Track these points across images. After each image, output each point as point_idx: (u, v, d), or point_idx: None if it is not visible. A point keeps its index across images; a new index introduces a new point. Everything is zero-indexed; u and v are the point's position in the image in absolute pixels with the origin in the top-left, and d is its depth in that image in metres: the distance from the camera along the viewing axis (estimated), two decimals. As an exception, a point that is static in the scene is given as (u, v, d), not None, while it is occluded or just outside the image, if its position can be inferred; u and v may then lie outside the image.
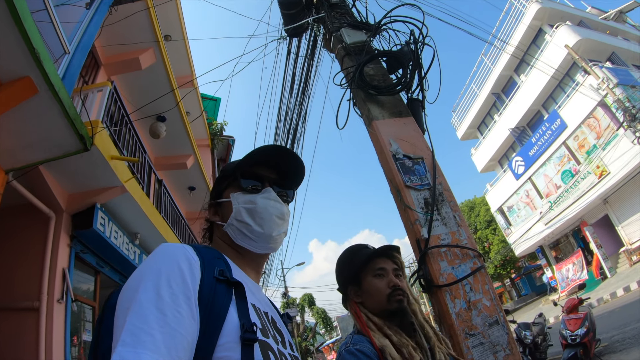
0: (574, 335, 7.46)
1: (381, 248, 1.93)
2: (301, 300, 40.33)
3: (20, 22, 3.06)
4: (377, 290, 1.81)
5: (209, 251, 1.04)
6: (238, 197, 1.20)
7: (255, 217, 1.17)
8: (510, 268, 34.87)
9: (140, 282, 0.84)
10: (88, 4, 5.33)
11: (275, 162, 1.28)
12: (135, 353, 0.69)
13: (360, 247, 2.01)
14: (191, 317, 0.81)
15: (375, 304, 1.80)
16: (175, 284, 0.83)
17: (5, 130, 3.78)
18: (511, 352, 2.21)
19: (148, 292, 0.80)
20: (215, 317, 0.85)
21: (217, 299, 0.89)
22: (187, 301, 0.82)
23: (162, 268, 0.86)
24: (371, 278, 1.85)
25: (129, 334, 0.72)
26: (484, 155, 28.82)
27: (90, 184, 5.46)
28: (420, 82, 3.65)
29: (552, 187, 22.11)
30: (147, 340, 0.71)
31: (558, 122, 20.69)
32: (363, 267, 1.89)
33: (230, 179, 1.27)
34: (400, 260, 1.93)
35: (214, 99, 15.57)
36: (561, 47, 19.34)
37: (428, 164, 3.06)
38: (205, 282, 0.89)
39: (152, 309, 0.77)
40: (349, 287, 1.94)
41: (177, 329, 0.76)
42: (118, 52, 8.19)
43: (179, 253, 0.91)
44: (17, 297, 4.89)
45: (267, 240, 1.19)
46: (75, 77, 4.56)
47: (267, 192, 1.22)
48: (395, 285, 1.80)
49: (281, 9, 4.89)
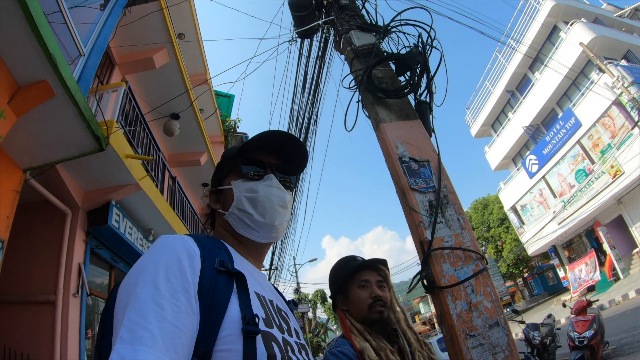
0: (581, 337, 7.42)
1: (367, 261, 2.09)
2: (313, 297, 40.47)
3: (37, 29, 3.15)
4: (360, 300, 1.98)
5: (210, 241, 1.03)
6: (239, 185, 1.18)
7: (257, 207, 1.15)
8: (523, 267, 34.60)
9: (139, 276, 0.83)
10: (102, 5, 5.43)
11: (277, 147, 1.25)
12: (133, 350, 0.69)
13: (350, 259, 2.16)
14: (190, 311, 0.80)
15: (359, 312, 1.97)
16: (174, 277, 0.83)
17: (23, 131, 3.88)
18: (510, 353, 2.26)
19: (146, 287, 0.80)
20: (215, 309, 0.85)
21: (217, 291, 0.88)
22: (186, 294, 0.82)
23: (160, 261, 0.86)
24: (356, 289, 2.02)
25: (126, 330, 0.73)
26: (497, 153, 28.60)
27: (106, 181, 5.61)
28: (428, 85, 3.69)
29: (566, 187, 21.92)
30: (145, 336, 0.71)
31: (572, 120, 20.48)
32: (349, 278, 2.06)
33: (231, 165, 1.25)
34: (385, 273, 2.09)
35: (228, 96, 15.57)
36: (576, 44, 19.15)
37: (434, 167, 3.09)
38: (205, 274, 0.88)
39: (151, 303, 0.77)
40: (337, 295, 2.11)
41: (176, 324, 0.76)
42: (132, 51, 8.31)
43: (178, 245, 0.90)
44: (35, 291, 5.03)
45: (269, 229, 1.17)
46: (91, 79, 4.66)
47: (269, 179, 1.20)
48: (377, 296, 1.96)
49: (292, 10, 4.93)
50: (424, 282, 2.63)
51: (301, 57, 5.95)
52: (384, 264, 2.12)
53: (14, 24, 3.10)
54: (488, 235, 36.31)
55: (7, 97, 3.43)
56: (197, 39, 10.49)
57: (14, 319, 4.92)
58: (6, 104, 3.41)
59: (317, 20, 4.82)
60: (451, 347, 2.35)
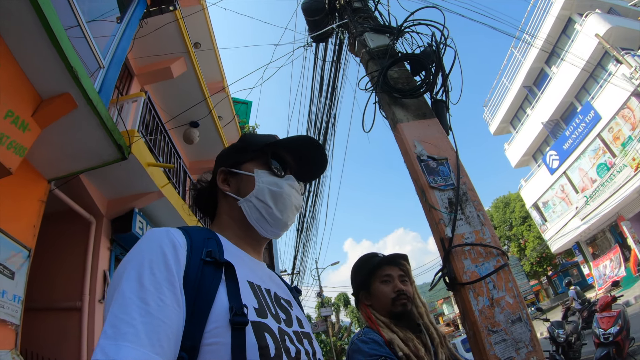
0: (606, 334, 7.30)
1: (389, 256, 2.12)
2: (336, 300, 40.35)
3: (58, 43, 3.25)
4: (384, 295, 2.01)
5: (200, 232, 1.01)
6: (262, 176, 1.17)
7: (278, 202, 1.15)
8: (547, 265, 34.06)
9: (124, 271, 0.83)
10: (119, 18, 5.56)
11: (304, 153, 1.25)
12: (116, 346, 0.69)
13: (371, 256, 2.19)
14: (176, 304, 0.80)
15: (382, 307, 2.00)
16: (159, 270, 0.82)
17: (47, 143, 4.00)
18: (534, 348, 2.25)
19: (130, 282, 0.79)
20: (202, 301, 0.83)
21: (204, 283, 0.86)
22: (171, 288, 0.81)
23: (144, 255, 0.85)
24: (379, 284, 2.06)
25: (110, 326, 0.72)
26: (517, 150, 28.15)
27: (129, 190, 5.73)
28: (443, 84, 3.70)
29: (588, 181, 21.53)
30: (128, 332, 0.71)
31: (592, 114, 20.11)
32: (372, 273, 2.10)
33: (256, 154, 1.22)
34: (406, 267, 2.12)
35: (246, 103, 15.76)
36: (591, 36, 18.78)
37: (452, 165, 3.10)
38: (191, 266, 0.87)
39: (134, 298, 0.76)
40: (360, 291, 2.14)
41: (161, 318, 0.75)
42: (150, 62, 8.47)
43: (163, 237, 0.89)
44: (61, 297, 5.15)
45: (281, 227, 1.17)
46: (111, 90, 4.77)
47: (291, 180, 1.20)
48: (400, 290, 2.00)
49: (305, 16, 4.97)
50: (445, 279, 2.64)
51: (317, 61, 6.00)
52: (405, 258, 2.15)
53: (35, 39, 3.21)
54: (510, 233, 35.86)
55: (31, 110, 3.53)
56: (213, 47, 10.61)
57: (41, 325, 5.04)
58: (30, 116, 3.51)
59: (330, 24, 4.87)
60: (474, 344, 2.35)
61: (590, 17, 19.80)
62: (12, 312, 3.61)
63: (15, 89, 3.36)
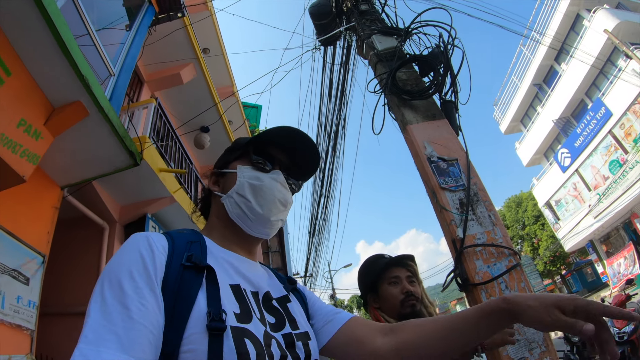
0: (621, 333, 7.22)
1: (395, 258, 2.11)
2: (349, 302, 40.33)
3: (68, 52, 3.29)
4: (392, 297, 2.00)
5: (184, 236, 0.99)
6: (245, 171, 1.14)
7: (258, 196, 1.11)
8: (561, 264, 33.67)
9: (104, 275, 0.82)
10: (128, 26, 5.63)
11: (291, 147, 1.21)
12: (96, 352, 0.68)
13: (378, 257, 2.18)
14: (157, 309, 0.78)
15: (391, 309, 1.99)
16: (139, 275, 0.81)
17: (59, 151, 4.04)
18: (547, 348, 2.25)
19: (111, 286, 0.78)
20: (181, 307, 0.81)
21: (183, 287, 0.84)
22: (152, 292, 0.80)
23: (124, 260, 0.84)
24: (386, 286, 2.04)
25: (91, 331, 0.72)
26: (528, 148, 27.86)
27: (141, 195, 5.79)
28: (452, 84, 3.70)
29: (600, 179, 21.29)
30: (109, 338, 0.70)
31: (603, 110, 19.87)
32: (379, 276, 2.08)
33: (241, 152, 1.20)
34: (413, 268, 2.11)
35: (256, 107, 15.83)
36: (600, 32, 18.53)
37: (462, 165, 3.10)
38: (171, 270, 0.86)
39: (115, 303, 0.75)
40: (368, 294, 2.13)
41: (142, 323, 0.74)
42: (160, 69, 8.54)
43: (142, 242, 0.88)
44: (75, 302, 5.17)
45: (263, 223, 1.12)
46: (122, 97, 4.83)
47: (276, 174, 1.16)
48: (408, 291, 1.98)
49: (313, 20, 5.01)
50: (457, 280, 2.64)
51: (325, 64, 6.02)
52: (411, 259, 2.14)
53: (46, 49, 3.25)
54: (523, 233, 35.53)
55: (43, 119, 3.57)
56: (221, 52, 10.66)
57: (55, 330, 5.06)
58: (42, 125, 3.55)
59: (338, 27, 4.88)
60: (488, 344, 2.35)
61: (598, 13, 19.58)
62: (28, 318, 3.66)
63: (28, 97, 3.41)
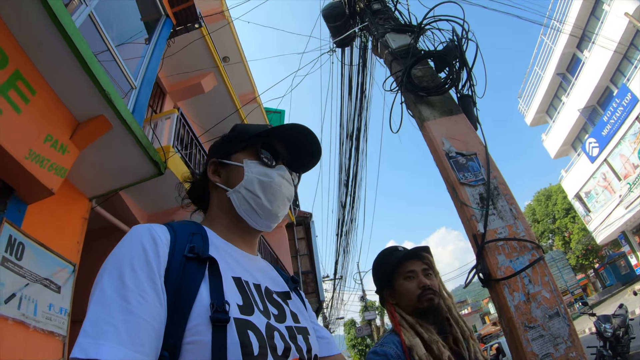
0: None
1: (410, 251, 2.03)
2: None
3: (89, 69, 3.40)
4: (409, 292, 1.93)
5: (186, 227, 1.00)
6: (252, 166, 1.13)
7: (267, 192, 1.11)
8: (593, 258, 32.84)
9: (105, 268, 0.82)
10: (147, 39, 5.75)
11: (297, 142, 1.21)
12: (95, 344, 0.68)
13: (391, 251, 2.11)
14: (157, 302, 0.78)
15: (408, 304, 1.92)
16: (140, 268, 0.80)
17: (86, 164, 4.16)
18: (573, 344, 2.20)
19: (112, 279, 0.78)
20: (183, 299, 0.81)
21: (185, 279, 0.84)
22: (153, 285, 0.79)
23: (125, 252, 0.84)
24: (402, 280, 1.96)
25: (90, 324, 0.71)
26: (555, 140, 27.15)
27: (167, 203, 5.92)
28: (468, 78, 3.67)
29: (630, 167, 20.66)
30: (108, 331, 0.70)
31: (629, 96, 19.24)
32: (394, 270, 2.00)
33: (247, 144, 1.18)
34: (429, 260, 2.02)
35: (279, 112, 15.87)
36: (621, 16, 18.00)
37: (482, 159, 3.07)
38: (173, 262, 0.86)
39: (115, 296, 0.75)
40: (384, 290, 2.06)
41: (142, 316, 0.74)
42: (181, 79, 8.70)
43: (144, 234, 0.88)
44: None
45: (271, 218, 1.13)
46: (144, 109, 4.94)
47: (282, 169, 1.17)
48: (425, 285, 1.90)
49: (327, 22, 5.03)
50: (480, 276, 2.62)
51: (343, 65, 6.05)
52: (427, 251, 2.05)
53: (68, 67, 3.36)
54: (554, 227, 34.75)
55: (68, 134, 3.69)
56: (241, 59, 10.79)
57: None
58: (68, 139, 3.67)
59: (352, 28, 4.90)
60: (511, 340, 2.32)
61: (618, -4, 19.03)
62: (60, 324, 3.77)
63: (53, 114, 3.53)
